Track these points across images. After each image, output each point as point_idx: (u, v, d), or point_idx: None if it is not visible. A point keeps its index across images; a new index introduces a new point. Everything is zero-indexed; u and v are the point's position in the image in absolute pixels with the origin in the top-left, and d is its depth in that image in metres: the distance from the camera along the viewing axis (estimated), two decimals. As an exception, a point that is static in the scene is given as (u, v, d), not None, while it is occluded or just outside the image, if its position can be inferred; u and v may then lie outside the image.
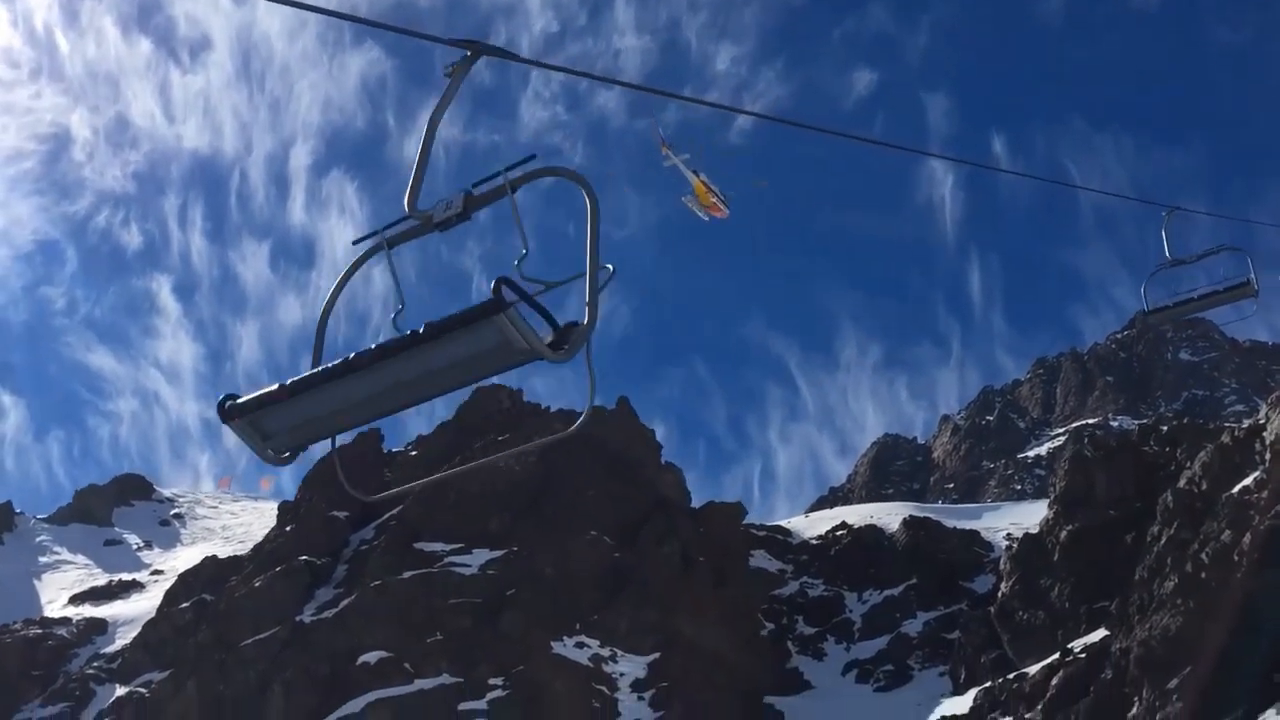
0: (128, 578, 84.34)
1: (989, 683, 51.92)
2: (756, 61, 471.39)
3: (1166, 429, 60.80)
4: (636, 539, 63.05)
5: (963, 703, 52.47)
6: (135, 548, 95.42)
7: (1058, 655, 48.86)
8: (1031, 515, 70.27)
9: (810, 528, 79.93)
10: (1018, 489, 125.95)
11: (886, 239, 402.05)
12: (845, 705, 58.68)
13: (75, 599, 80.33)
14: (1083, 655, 47.22)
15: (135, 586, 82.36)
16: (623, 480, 67.12)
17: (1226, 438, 48.35)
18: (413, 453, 74.56)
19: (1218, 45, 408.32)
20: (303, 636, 57.91)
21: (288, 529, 68.99)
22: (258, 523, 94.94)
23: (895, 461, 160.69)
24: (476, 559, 60.86)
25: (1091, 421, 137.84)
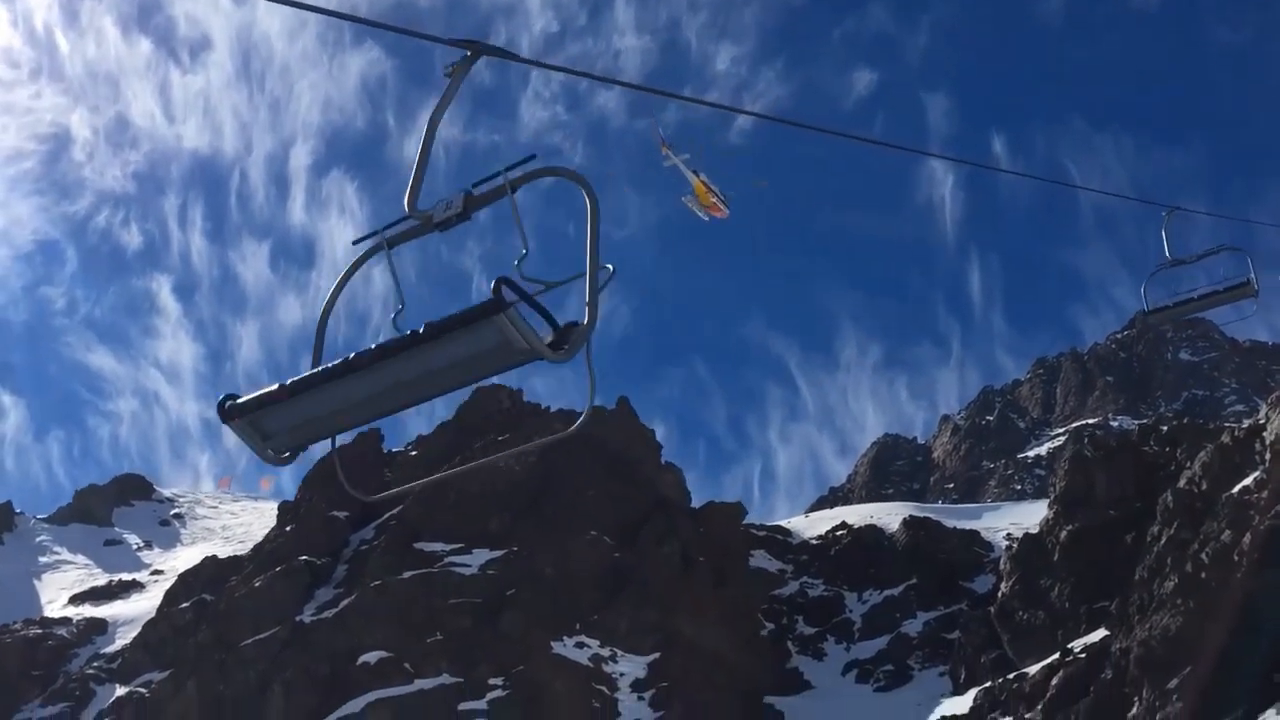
0: (128, 578, 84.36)
1: (989, 683, 51.90)
2: (756, 61, 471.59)
3: (1166, 429, 60.79)
4: (636, 539, 63.06)
5: (963, 703, 52.44)
6: (135, 548, 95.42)
7: (1058, 655, 48.84)
8: (1031, 515, 70.26)
9: (810, 528, 79.91)
10: (1018, 489, 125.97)
11: (886, 239, 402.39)
12: (845, 705, 58.66)
13: (75, 599, 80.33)
14: (1083, 655, 47.21)
15: (135, 586, 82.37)
16: (623, 480, 67.12)
17: (1226, 438, 48.34)
18: (413, 453, 74.56)
19: (1218, 45, 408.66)
20: (303, 636, 57.91)
21: (288, 529, 69.00)
22: (258, 523, 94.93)
23: (895, 461, 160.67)
24: (476, 559, 60.87)
25: (1091, 421, 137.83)
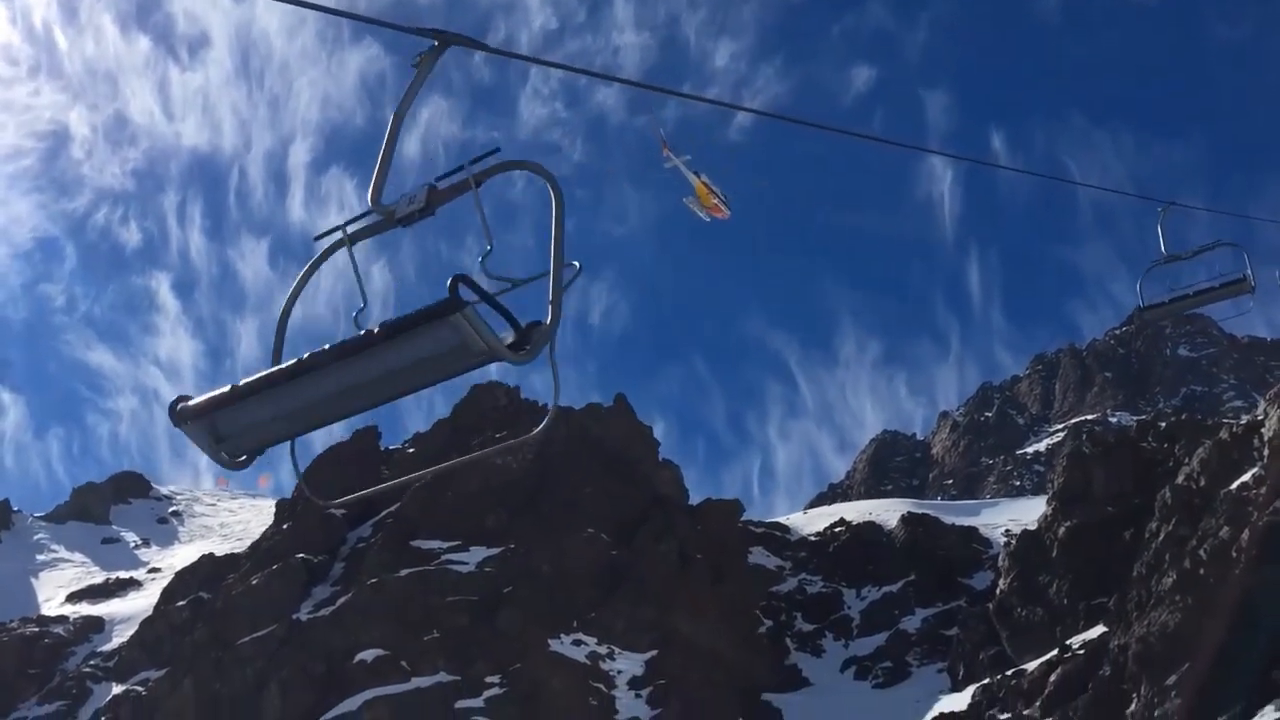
0: (125, 576, 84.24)
1: (987, 679, 51.76)
2: (755, 58, 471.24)
3: (1165, 425, 60.67)
4: (634, 536, 62.95)
5: (961, 699, 52.30)
6: (133, 546, 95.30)
7: (1056, 652, 48.71)
8: (1030, 512, 70.14)
9: (809, 524, 79.77)
10: (1016, 485, 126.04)
11: (885, 235, 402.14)
12: (843, 702, 58.53)
13: (72, 597, 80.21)
14: (1081, 652, 47.10)
15: (132, 584, 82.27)
16: (620, 477, 67.02)
17: (1225, 434, 48.17)
18: (410, 450, 74.43)
19: (1217, 40, 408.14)
20: (299, 634, 57.79)
21: (285, 526, 68.90)
22: (255, 520, 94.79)
23: (894, 458, 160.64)
24: (473, 556, 60.76)
25: (1090, 418, 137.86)
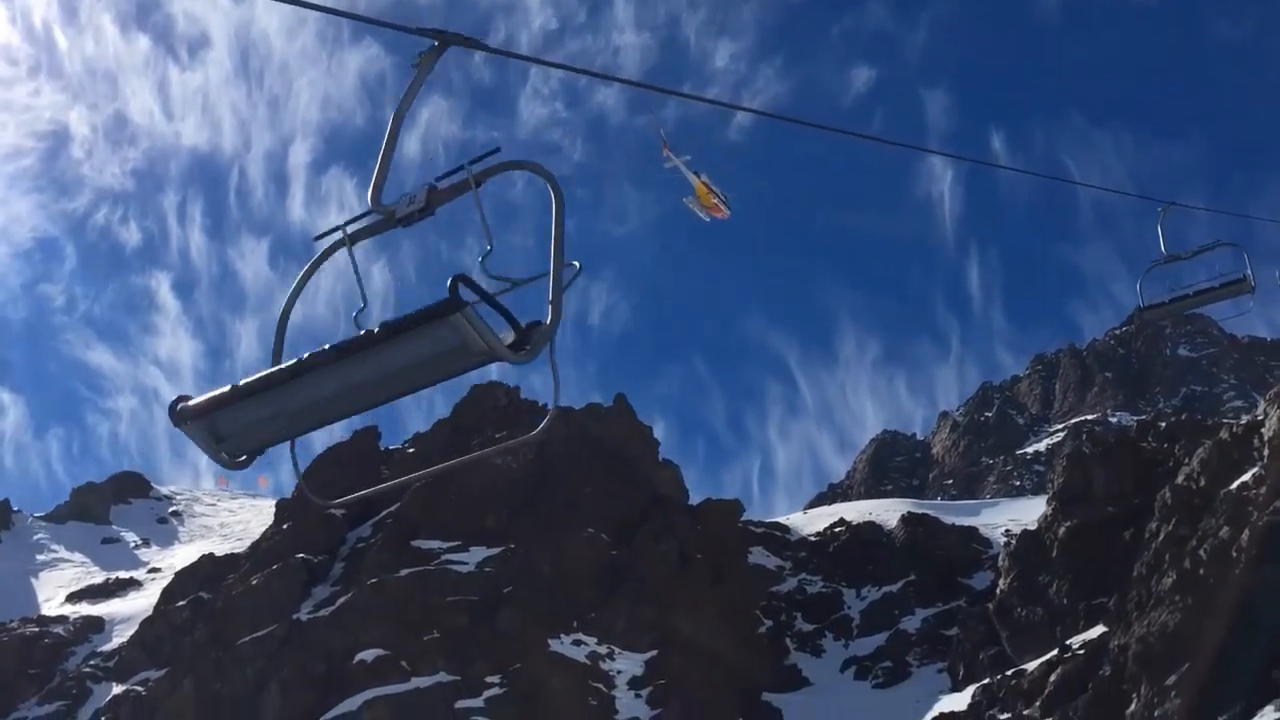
0: (125, 576, 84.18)
1: (987, 679, 51.72)
2: (755, 58, 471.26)
3: (1165, 425, 60.63)
4: (634, 536, 62.92)
5: (961, 699, 52.27)
6: (133, 546, 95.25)
7: (1056, 652, 48.68)
8: (1030, 512, 70.11)
9: (808, 524, 79.74)
10: (1016, 485, 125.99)
11: (885, 235, 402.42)
12: (843, 702, 58.50)
13: (72, 597, 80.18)
14: (1081, 652, 47.07)
15: (132, 584, 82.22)
16: (620, 477, 66.99)
17: (1225, 434, 48.16)
18: (410, 450, 74.38)
19: (1217, 40, 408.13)
20: (299, 634, 57.76)
21: (285, 526, 68.85)
22: (255, 520, 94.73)
23: (894, 458, 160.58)
24: (473, 556, 60.74)
25: (1090, 418, 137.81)
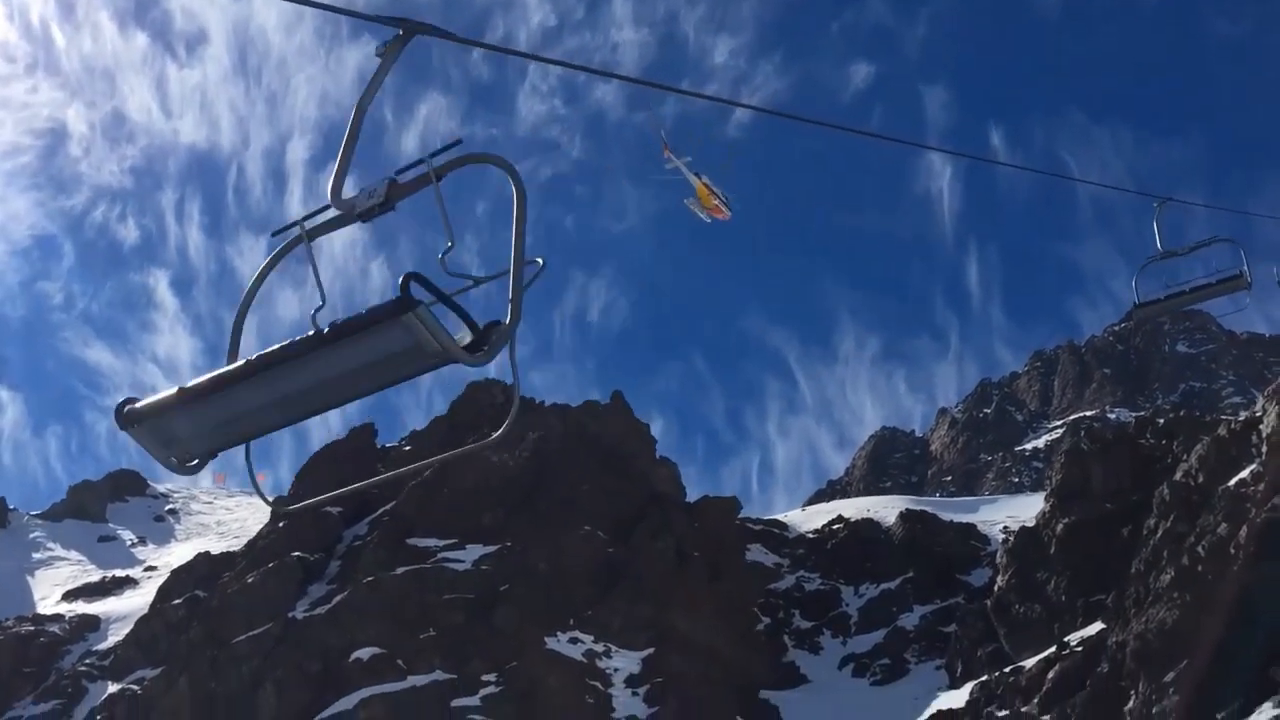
0: (121, 574, 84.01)
1: (985, 676, 51.65)
2: (754, 55, 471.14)
3: (1163, 421, 60.53)
4: (631, 534, 62.76)
5: (959, 696, 52.20)
6: (129, 544, 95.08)
7: (1054, 649, 48.60)
8: (1028, 508, 70.00)
9: (806, 521, 79.64)
10: (1015, 482, 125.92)
11: (884, 232, 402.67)
12: (841, 699, 58.41)
13: (68, 595, 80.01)
14: (1079, 649, 46.97)
15: (129, 583, 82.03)
16: (617, 475, 66.81)
17: (1223, 430, 48.06)
18: (406, 448, 74.24)
19: (1216, 37, 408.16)
20: (295, 633, 57.58)
21: (281, 525, 68.60)
22: (251, 518, 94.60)
23: (893, 455, 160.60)
24: (470, 554, 60.57)
25: (1089, 414, 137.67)
